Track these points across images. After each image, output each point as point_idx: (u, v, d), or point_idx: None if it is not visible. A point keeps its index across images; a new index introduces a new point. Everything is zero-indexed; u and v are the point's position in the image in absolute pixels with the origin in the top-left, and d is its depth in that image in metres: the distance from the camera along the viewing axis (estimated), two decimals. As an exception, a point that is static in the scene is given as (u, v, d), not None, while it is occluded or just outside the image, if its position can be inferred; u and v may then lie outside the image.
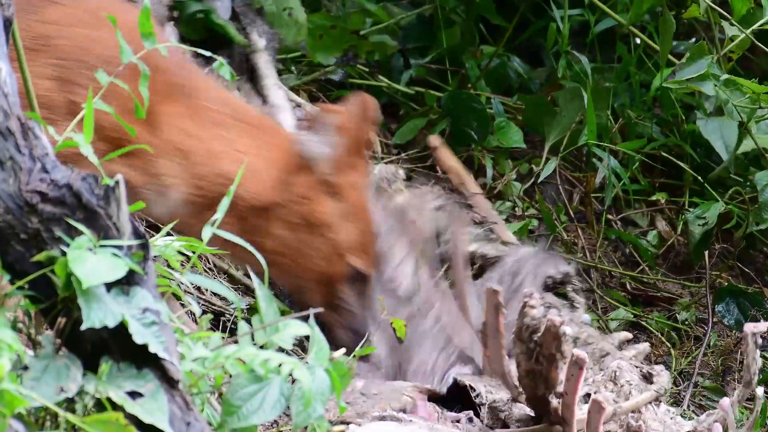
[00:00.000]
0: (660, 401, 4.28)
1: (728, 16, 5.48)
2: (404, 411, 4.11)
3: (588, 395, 3.98)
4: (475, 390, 4.31)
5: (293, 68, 6.21)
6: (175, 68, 4.10)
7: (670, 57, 5.77)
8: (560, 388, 4.00)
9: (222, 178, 4.04)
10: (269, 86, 5.44)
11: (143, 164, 3.98)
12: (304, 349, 3.69)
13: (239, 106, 4.22)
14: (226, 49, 5.56)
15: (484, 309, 4.17)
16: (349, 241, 4.11)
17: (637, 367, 4.48)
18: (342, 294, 4.14)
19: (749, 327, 4.00)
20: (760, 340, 4.00)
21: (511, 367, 4.19)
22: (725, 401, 3.97)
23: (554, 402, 4.04)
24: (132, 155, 3.87)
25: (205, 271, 4.95)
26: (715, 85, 5.28)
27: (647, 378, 4.40)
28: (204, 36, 5.50)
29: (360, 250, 4.12)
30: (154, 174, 3.99)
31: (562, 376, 3.99)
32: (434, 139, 5.52)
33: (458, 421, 4.24)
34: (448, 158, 5.51)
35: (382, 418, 4.00)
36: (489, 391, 4.27)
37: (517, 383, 4.15)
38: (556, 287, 4.99)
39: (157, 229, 4.86)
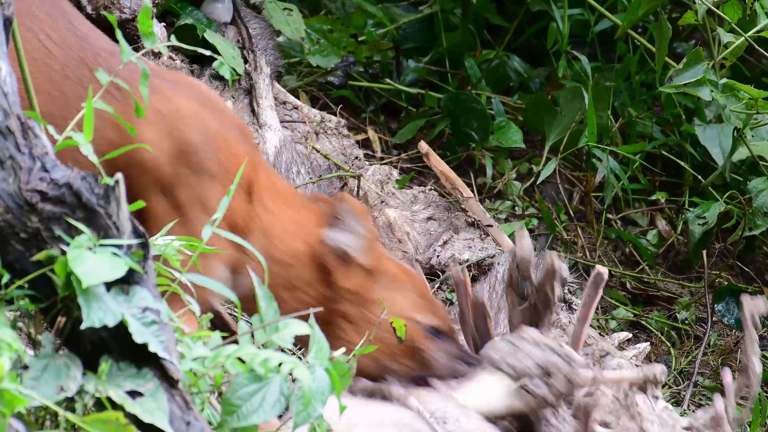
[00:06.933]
0: (657, 397, 4.27)
1: (727, 18, 5.47)
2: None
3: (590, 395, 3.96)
4: None
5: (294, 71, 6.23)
6: (255, 148, 4.07)
7: (667, 60, 5.76)
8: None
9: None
10: (264, 107, 5.54)
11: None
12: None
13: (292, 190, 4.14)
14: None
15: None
16: (408, 304, 4.01)
17: (637, 366, 4.47)
18: (429, 352, 3.95)
19: (746, 299, 3.94)
20: (758, 322, 3.96)
21: None
22: (719, 399, 3.97)
23: None
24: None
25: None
26: (712, 91, 5.27)
27: (647, 377, 4.40)
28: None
29: (424, 307, 3.99)
30: (241, 250, 3.80)
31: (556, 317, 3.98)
32: (423, 146, 5.55)
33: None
34: (438, 163, 5.53)
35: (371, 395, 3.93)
36: None
37: None
38: None
39: (157, 229, 4.87)
